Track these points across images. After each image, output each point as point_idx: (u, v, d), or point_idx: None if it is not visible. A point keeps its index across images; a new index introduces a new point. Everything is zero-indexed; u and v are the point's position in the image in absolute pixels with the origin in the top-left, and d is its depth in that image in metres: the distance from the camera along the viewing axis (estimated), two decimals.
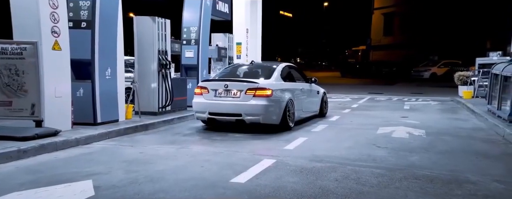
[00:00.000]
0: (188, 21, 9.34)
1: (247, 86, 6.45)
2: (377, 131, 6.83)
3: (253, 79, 6.69)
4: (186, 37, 9.39)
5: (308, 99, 7.91)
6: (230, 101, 6.49)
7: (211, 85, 6.70)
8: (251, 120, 6.43)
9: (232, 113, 6.49)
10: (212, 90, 6.65)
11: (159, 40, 7.50)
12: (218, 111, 6.56)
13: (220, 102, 6.54)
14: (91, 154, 4.87)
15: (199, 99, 6.75)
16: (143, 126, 6.52)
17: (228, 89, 6.54)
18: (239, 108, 6.40)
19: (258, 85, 6.49)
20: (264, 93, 6.40)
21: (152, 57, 7.46)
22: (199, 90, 6.79)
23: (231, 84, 6.55)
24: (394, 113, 9.69)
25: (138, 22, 7.38)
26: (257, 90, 6.40)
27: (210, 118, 6.66)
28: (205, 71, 9.69)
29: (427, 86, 20.58)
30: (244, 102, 6.41)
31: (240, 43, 11.99)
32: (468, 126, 7.52)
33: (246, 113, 6.38)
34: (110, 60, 6.13)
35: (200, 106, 6.71)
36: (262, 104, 6.36)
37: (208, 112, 6.61)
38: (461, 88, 13.24)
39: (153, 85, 7.54)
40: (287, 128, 6.83)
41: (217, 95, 6.59)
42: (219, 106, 6.52)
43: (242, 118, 6.44)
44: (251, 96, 6.40)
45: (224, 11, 10.53)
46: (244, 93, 6.43)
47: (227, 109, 6.48)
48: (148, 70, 7.49)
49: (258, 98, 6.38)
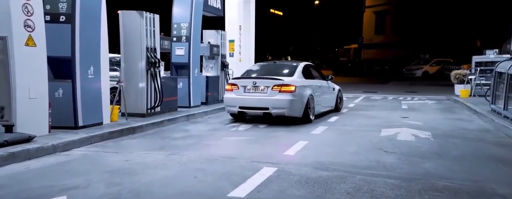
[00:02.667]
0: (179, 17, 8.82)
1: (274, 83, 7.24)
2: (381, 133, 6.44)
3: (278, 77, 7.41)
4: (177, 34, 8.86)
5: (325, 95, 8.66)
6: (258, 96, 7.31)
7: (240, 82, 7.53)
8: (277, 113, 7.24)
9: (260, 107, 7.29)
10: (242, 86, 7.44)
11: (148, 36, 6.98)
12: (247, 105, 7.37)
13: (249, 97, 7.35)
14: (69, 162, 4.35)
15: (230, 95, 7.55)
16: (129, 129, 6.01)
17: (256, 85, 7.35)
18: (266, 102, 7.22)
19: (283, 82, 7.25)
20: (288, 89, 7.19)
21: (140, 54, 6.94)
22: (230, 87, 7.58)
23: (259, 81, 7.36)
24: (393, 113, 9.35)
25: (124, 17, 6.84)
26: (282, 87, 7.20)
27: (240, 111, 7.47)
28: (196, 69, 9.19)
29: (420, 85, 20.41)
30: (271, 97, 7.21)
31: (233, 40, 11.51)
32: (473, 127, 7.19)
33: (273, 106, 7.19)
34: (93, 58, 5.60)
35: (231, 100, 7.52)
36: (287, 98, 7.15)
37: (238, 106, 7.42)
38: (458, 87, 13.00)
39: (141, 85, 7.02)
40: (308, 121, 7.56)
41: (246, 91, 7.39)
42: (248, 101, 7.33)
43: (269, 111, 7.25)
44: (277, 92, 7.20)
45: (216, 6, 10.02)
46: (270, 89, 7.23)
47: (256, 103, 7.29)
48: (135, 69, 6.97)
49: (283, 94, 7.17)
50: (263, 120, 7.75)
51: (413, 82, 22.76)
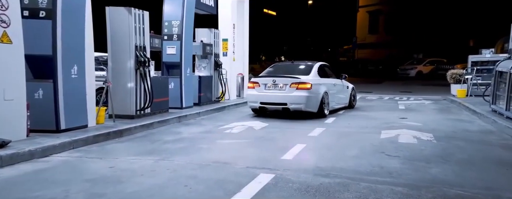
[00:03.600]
0: (170, 15, 8.47)
1: (291, 81, 7.98)
2: (381, 135, 6.18)
3: (295, 75, 8.13)
4: (168, 32, 8.51)
5: (339, 92, 9.38)
6: (277, 92, 8.08)
7: (261, 80, 8.30)
8: (295, 108, 7.97)
9: (279, 102, 8.06)
10: (263, 84, 8.23)
11: (136, 34, 6.63)
12: (267, 101, 8.17)
13: (269, 93, 8.14)
14: (47, 170, 3.99)
15: (252, 92, 8.39)
16: (116, 132, 5.66)
17: (275, 83, 8.12)
18: (285, 98, 7.98)
19: (300, 80, 7.98)
20: (305, 87, 7.92)
21: (129, 53, 6.58)
22: (252, 85, 8.41)
23: (278, 80, 8.12)
24: (391, 114, 9.13)
25: (111, 14, 6.48)
26: (299, 84, 7.93)
27: (261, 106, 8.30)
28: (189, 69, 8.86)
29: (414, 85, 20.30)
30: (289, 94, 7.96)
31: (227, 39, 11.17)
32: (475, 128, 6.97)
33: (291, 102, 7.93)
34: (76, 57, 5.24)
35: (253, 97, 8.37)
36: (303, 95, 7.89)
37: (259, 101, 8.25)
38: (454, 87, 12.85)
39: (129, 85, 6.66)
40: (323, 115, 8.29)
41: (267, 89, 8.18)
42: (269, 97, 8.13)
43: (287, 106, 8.01)
44: (294, 89, 7.93)
45: (209, 4, 9.68)
46: (289, 86, 7.98)
47: (275, 99, 8.08)
48: (123, 68, 6.61)
49: (300, 91, 7.90)
50: (257, 121, 7.48)
51: (407, 82, 22.66)
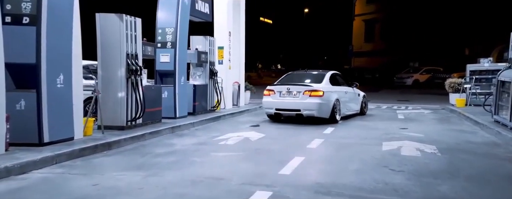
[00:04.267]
0: (163, 22, 8.23)
1: (305, 89, 8.54)
2: (382, 147, 5.93)
3: (308, 83, 8.77)
4: (161, 40, 8.27)
5: (351, 100, 9.86)
6: (291, 99, 8.59)
7: (277, 88, 8.88)
8: (308, 114, 8.48)
9: (293, 109, 8.58)
10: (278, 92, 8.77)
11: (128, 41, 6.37)
12: (282, 107, 8.70)
13: (284, 100, 8.67)
14: (23, 189, 3.66)
15: (267, 99, 8.96)
16: (105, 144, 5.35)
17: (290, 91, 8.64)
18: (299, 104, 8.50)
19: (313, 87, 8.55)
20: (317, 94, 8.45)
21: (119, 61, 6.31)
22: (268, 92, 8.97)
23: (292, 87, 8.66)
24: (390, 124, 8.90)
25: (101, 20, 6.23)
26: (312, 92, 8.47)
27: (276, 112, 8.84)
28: (183, 78, 8.59)
29: (412, 94, 20.17)
30: (302, 101, 8.47)
31: (222, 47, 10.94)
32: (478, 139, 6.75)
33: (304, 108, 8.44)
34: (63, 65, 4.96)
35: (269, 104, 8.92)
36: (316, 102, 8.40)
37: (275, 108, 8.79)
38: (453, 96, 12.68)
39: (120, 94, 6.38)
40: (335, 121, 8.77)
41: (282, 96, 8.71)
42: (283, 103, 8.67)
43: (301, 112, 8.50)
44: (307, 96, 8.45)
45: (204, 11, 9.47)
46: (302, 94, 8.49)
47: (289, 106, 8.60)
48: (114, 77, 6.34)
49: (313, 98, 8.42)
50: (253, 132, 7.22)
51: (404, 91, 22.55)
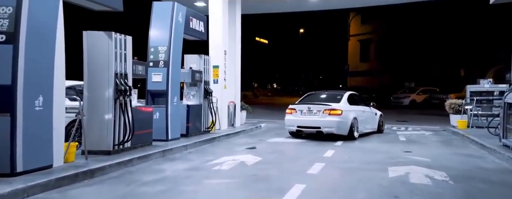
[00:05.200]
0: (156, 40, 7.92)
1: (324, 108, 9.20)
2: (389, 173, 5.52)
3: (328, 103, 9.43)
4: (153, 58, 7.93)
5: (368, 118, 10.43)
6: (312, 118, 9.26)
7: (298, 107, 9.57)
8: (327, 131, 9.12)
9: (313, 126, 9.24)
10: (299, 110, 9.45)
11: (117, 60, 6.01)
12: (303, 125, 9.39)
13: (305, 118, 9.35)
14: None
15: (289, 117, 9.64)
16: (86, 172, 4.88)
17: (310, 109, 9.32)
18: (319, 122, 9.15)
19: (332, 107, 9.21)
20: (336, 113, 9.08)
21: (107, 81, 5.93)
22: (290, 111, 9.64)
23: (312, 107, 9.36)
24: (392, 146, 8.53)
25: (89, 39, 5.88)
26: (331, 111, 9.11)
27: (298, 129, 9.54)
28: (176, 98, 8.21)
29: (410, 114, 19.88)
30: (322, 119, 9.12)
31: (218, 66, 10.63)
32: (490, 165, 6.35)
33: (324, 126, 9.09)
34: (43, 86, 4.54)
35: (291, 121, 9.60)
36: (335, 120, 9.05)
37: (296, 125, 9.48)
38: (454, 118, 12.37)
39: (107, 116, 5.95)
40: (353, 138, 9.34)
41: (303, 114, 9.39)
42: (304, 121, 9.35)
43: (321, 130, 9.16)
44: (327, 114, 9.10)
45: (198, 29, 9.20)
46: (322, 112, 9.16)
47: (310, 123, 9.28)
48: (101, 98, 5.93)
49: (332, 116, 9.07)
50: (249, 155, 6.79)
51: (401, 111, 22.26)
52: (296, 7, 15.61)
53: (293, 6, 15.45)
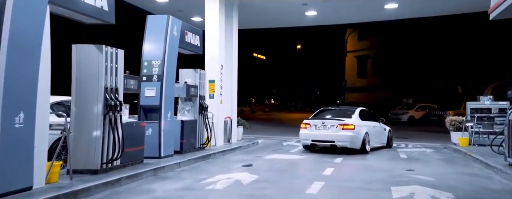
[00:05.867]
0: (150, 54, 7.71)
1: (338, 123, 9.60)
2: (392, 194, 5.23)
3: (341, 118, 9.82)
4: (147, 73, 7.70)
5: (378, 133, 10.84)
6: (326, 132, 9.67)
7: (312, 122, 10.00)
8: (341, 145, 9.51)
9: (328, 140, 9.64)
10: (313, 125, 9.88)
11: (107, 74, 5.77)
12: (318, 139, 9.80)
13: (319, 133, 9.75)
14: None
15: (304, 131, 10.01)
16: (69, 194, 4.53)
17: (324, 124, 9.74)
18: (333, 137, 9.55)
19: (345, 122, 9.58)
20: (350, 128, 9.47)
21: (96, 96, 5.67)
22: (304, 125, 10.03)
23: (326, 121, 9.81)
24: (394, 164, 8.25)
25: (78, 52, 5.65)
26: (344, 125, 9.48)
27: (312, 143, 9.96)
28: (170, 113, 7.93)
29: (409, 131, 19.60)
30: (336, 133, 9.51)
31: (214, 80, 10.41)
32: (497, 186, 6.05)
33: (338, 140, 9.49)
34: (24, 102, 4.24)
35: (306, 135, 9.99)
36: (348, 134, 9.44)
37: (311, 139, 9.88)
38: (455, 135, 12.10)
39: (95, 133, 5.66)
40: (365, 152, 9.76)
41: (317, 129, 9.81)
42: (319, 136, 9.77)
43: (335, 144, 9.55)
44: (340, 129, 9.48)
45: (194, 43, 9.01)
46: (335, 127, 9.56)
47: (324, 137, 9.69)
48: (89, 114, 5.65)
49: (346, 131, 9.44)
50: (246, 173, 6.48)
51: (400, 127, 21.94)
52: (293, 22, 15.60)
53: (290, 21, 15.43)
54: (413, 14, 14.89)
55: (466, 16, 15.86)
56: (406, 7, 13.26)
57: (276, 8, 12.79)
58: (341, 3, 12.38)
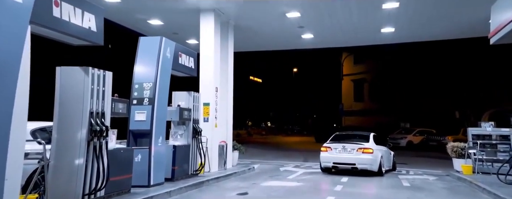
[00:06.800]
0: (141, 76, 7.40)
1: (358, 146, 10.35)
2: None
3: (359, 142, 10.60)
4: (138, 96, 7.35)
5: (388, 157, 11.52)
6: (347, 155, 10.38)
7: (333, 145, 10.67)
8: (362, 167, 10.23)
9: (349, 163, 10.31)
10: (334, 148, 10.57)
11: (93, 98, 5.42)
12: (339, 161, 10.43)
13: (340, 156, 10.44)
14: None
15: (325, 154, 10.67)
16: None
17: (345, 148, 10.46)
18: (354, 159, 10.25)
19: (364, 145, 10.38)
20: (369, 151, 10.23)
21: (80, 121, 5.29)
22: (325, 149, 10.72)
23: (346, 145, 10.52)
24: (397, 193, 7.84)
25: (62, 75, 5.31)
26: (364, 149, 10.24)
27: (334, 166, 10.55)
28: (161, 138, 7.53)
29: (408, 156, 19.17)
30: (357, 156, 10.24)
31: (208, 103, 10.07)
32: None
33: (359, 163, 10.20)
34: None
35: (327, 158, 10.62)
36: (368, 157, 10.20)
37: (332, 162, 10.50)
38: (457, 162, 11.69)
39: (77, 161, 5.23)
40: (381, 174, 10.45)
41: (338, 152, 10.49)
42: (340, 158, 10.43)
43: (355, 166, 10.24)
44: (361, 152, 10.23)
45: (188, 65, 8.73)
46: (356, 151, 10.29)
47: (346, 160, 10.36)
48: (71, 140, 5.25)
49: (366, 154, 10.19)
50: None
51: (400, 153, 21.41)
52: (290, 44, 15.52)
53: (287, 44, 15.35)
54: (410, 38, 14.88)
55: (463, 41, 15.89)
56: (402, 31, 13.23)
57: (273, 30, 12.69)
58: (337, 26, 12.30)
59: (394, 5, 10.29)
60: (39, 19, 4.39)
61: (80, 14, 5.11)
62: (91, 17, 5.31)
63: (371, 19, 11.67)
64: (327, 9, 10.75)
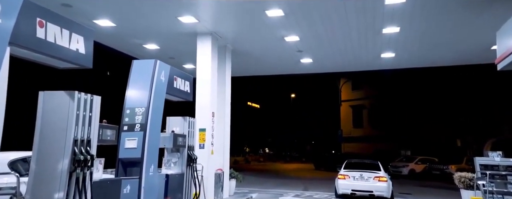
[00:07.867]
0: (133, 101, 6.99)
1: (374, 175, 11.24)
2: None
3: (374, 171, 11.46)
4: (129, 121, 6.91)
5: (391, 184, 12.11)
6: (364, 183, 11.18)
7: (350, 173, 11.43)
8: (379, 194, 11.02)
9: (367, 190, 11.08)
10: (352, 176, 11.34)
11: (79, 124, 4.97)
12: (357, 189, 11.16)
13: (358, 183, 11.22)
14: None
15: (343, 181, 11.41)
16: None
17: (362, 176, 11.26)
18: (371, 187, 11.09)
19: (379, 174, 11.30)
20: (383, 179, 11.18)
21: (63, 150, 4.81)
22: (343, 176, 11.46)
23: (363, 174, 11.30)
24: None
25: (45, 99, 4.88)
26: (380, 177, 11.16)
27: (352, 192, 11.21)
28: (153, 166, 7.01)
29: (411, 185, 18.52)
30: (374, 184, 11.10)
31: (204, 129, 9.64)
32: None
33: (376, 190, 11.03)
34: None
35: (345, 185, 11.35)
36: (384, 185, 11.07)
37: (351, 189, 11.21)
38: (466, 193, 11.18)
39: (56, 195, 4.70)
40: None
41: (355, 180, 11.28)
42: (359, 186, 11.20)
43: (373, 193, 11.02)
44: (377, 181, 11.12)
45: (184, 90, 8.36)
46: (372, 179, 11.16)
47: (363, 188, 11.15)
48: (51, 172, 4.75)
49: (382, 182, 11.10)
50: None
51: (402, 182, 20.83)
52: (288, 69, 15.32)
53: (286, 69, 15.14)
54: (411, 64, 14.71)
55: (464, 67, 15.74)
56: (403, 57, 13.06)
57: (272, 54, 12.50)
58: (337, 50, 12.12)
59: (394, 30, 10.14)
60: (20, 40, 4.06)
61: (67, 35, 4.77)
62: (79, 39, 4.97)
63: (371, 44, 11.51)
64: (327, 34, 10.58)
